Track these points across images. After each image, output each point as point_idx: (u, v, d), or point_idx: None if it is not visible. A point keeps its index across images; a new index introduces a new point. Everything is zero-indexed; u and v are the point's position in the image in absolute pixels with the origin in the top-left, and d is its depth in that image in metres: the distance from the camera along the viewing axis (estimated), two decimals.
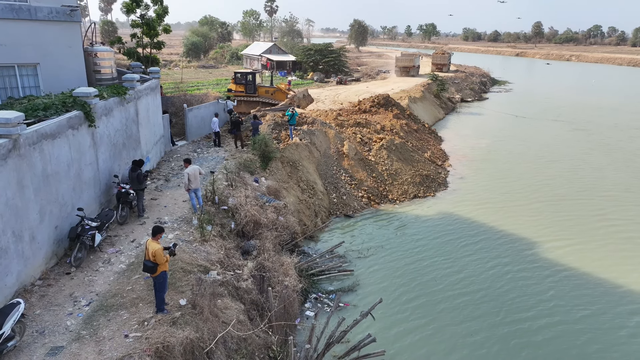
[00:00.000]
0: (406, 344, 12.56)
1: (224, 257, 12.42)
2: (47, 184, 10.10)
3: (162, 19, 26.84)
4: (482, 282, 15.80)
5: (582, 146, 35.11)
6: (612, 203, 23.45)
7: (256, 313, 11.01)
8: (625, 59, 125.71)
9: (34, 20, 14.37)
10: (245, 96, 30.53)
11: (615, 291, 15.53)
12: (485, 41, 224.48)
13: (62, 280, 9.85)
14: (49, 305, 8.94)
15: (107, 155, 13.49)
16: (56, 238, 10.49)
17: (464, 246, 18.38)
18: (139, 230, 12.56)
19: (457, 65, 77.40)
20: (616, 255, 18.03)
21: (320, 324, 10.75)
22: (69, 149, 11.02)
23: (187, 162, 14.11)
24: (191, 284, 9.90)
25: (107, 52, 17.25)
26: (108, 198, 13.57)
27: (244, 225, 14.60)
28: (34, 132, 9.51)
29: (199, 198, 14.11)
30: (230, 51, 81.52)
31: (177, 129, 23.33)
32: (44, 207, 9.95)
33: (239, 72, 31.50)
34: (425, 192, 23.95)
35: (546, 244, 18.73)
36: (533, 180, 26.71)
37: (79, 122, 11.59)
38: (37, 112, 10.67)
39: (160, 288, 8.71)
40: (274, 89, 31.06)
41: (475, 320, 13.68)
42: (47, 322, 8.45)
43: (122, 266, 10.69)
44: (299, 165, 21.50)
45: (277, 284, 12.41)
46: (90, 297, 9.35)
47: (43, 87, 14.93)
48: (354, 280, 15.47)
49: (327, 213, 20.72)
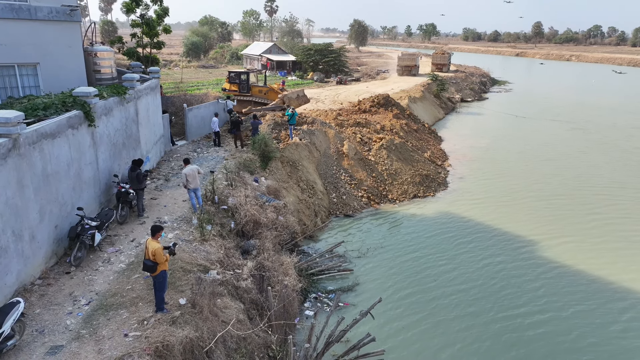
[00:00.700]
0: (405, 342, 12.61)
1: (224, 256, 12.43)
2: (47, 183, 10.11)
3: (162, 19, 26.83)
4: (480, 280, 15.85)
5: (579, 145, 35.16)
6: (608, 201, 23.54)
7: (256, 312, 11.02)
8: (625, 59, 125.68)
9: (34, 20, 14.36)
10: (239, 95, 30.73)
11: (608, 287, 15.65)
12: (485, 41, 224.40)
13: (62, 280, 9.86)
14: (48, 305, 8.95)
15: (107, 155, 13.50)
16: (56, 237, 10.50)
17: (463, 245, 18.41)
18: (139, 230, 12.57)
19: (457, 65, 77.38)
20: (611, 252, 18.13)
21: (319, 323, 10.76)
22: (68, 149, 11.03)
23: (186, 162, 14.16)
24: (191, 284, 9.91)
25: (107, 52, 17.24)
26: (108, 197, 13.58)
27: (244, 224, 14.60)
28: (34, 131, 9.52)
29: (198, 198, 14.13)
30: (230, 51, 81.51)
31: (177, 128, 23.34)
32: (43, 207, 9.96)
33: (233, 72, 31.92)
34: (425, 192, 23.96)
35: (543, 242, 18.82)
36: (532, 180, 26.76)
37: (79, 121, 11.60)
38: (37, 111, 10.68)
39: (159, 287, 8.72)
40: (267, 89, 31.10)
41: (471, 317, 13.75)
42: (46, 321, 8.46)
43: (122, 265, 10.70)
44: (299, 165, 21.51)
45: (277, 283, 12.42)
46: (90, 297, 9.35)
47: (43, 87, 14.93)
48: (353, 279, 15.48)
49: (327, 213, 20.73)
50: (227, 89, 31.35)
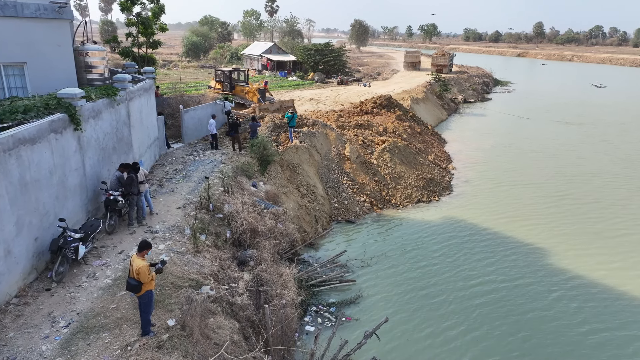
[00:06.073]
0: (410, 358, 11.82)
1: (219, 269, 11.65)
2: (26, 192, 9.33)
3: (158, 17, 26.08)
4: (491, 292, 15.01)
5: (586, 147, 34.27)
6: (626, 210, 22.62)
7: (252, 331, 10.23)
8: (628, 59, 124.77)
9: (20, 17, 13.55)
10: (222, 94, 30.10)
11: (627, 298, 14.82)
12: (487, 41, 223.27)
13: (41, 298, 9.07)
14: (24, 327, 8.16)
15: (95, 160, 12.71)
16: (36, 251, 9.71)
17: (471, 253, 17.60)
18: (128, 241, 11.79)
19: (459, 66, 76.42)
20: (629, 259, 17.28)
21: (320, 347, 9.96)
22: (51, 155, 10.25)
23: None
24: (181, 302, 9.11)
25: (98, 52, 16.44)
26: (96, 206, 12.80)
27: (241, 233, 13.81)
28: (10, 137, 8.73)
29: (148, 201, 13.57)
30: (230, 51, 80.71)
31: (172, 130, 22.56)
32: (21, 218, 9.18)
33: (219, 70, 31.44)
34: (429, 197, 23.16)
35: (555, 250, 17.94)
36: (539, 182, 25.94)
37: (63, 125, 10.82)
38: (16, 114, 9.91)
39: (145, 309, 7.94)
40: (247, 88, 30.08)
41: (483, 332, 12.90)
42: (20, 347, 7.66)
43: (108, 281, 9.92)
44: (299, 168, 20.72)
45: (275, 297, 11.63)
46: (71, 317, 8.56)
47: (30, 88, 14.12)
48: (356, 291, 14.68)
49: (328, 219, 19.94)
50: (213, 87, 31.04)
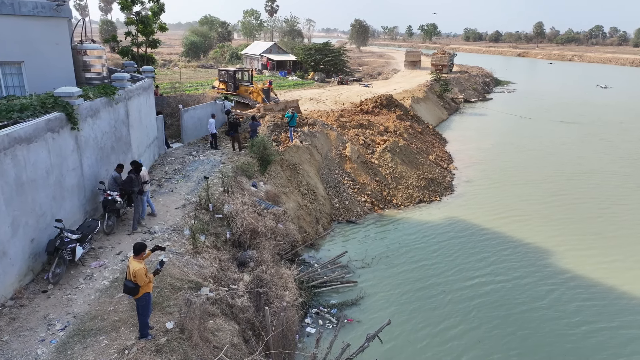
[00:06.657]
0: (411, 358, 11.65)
1: (218, 270, 11.48)
2: (22, 192, 9.16)
3: (157, 16, 25.92)
4: (491, 292, 14.86)
5: (586, 146, 34.10)
6: (626, 209, 22.45)
7: (252, 333, 10.06)
8: (628, 59, 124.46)
9: (17, 15, 13.40)
10: (226, 94, 29.95)
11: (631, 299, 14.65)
12: (487, 41, 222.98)
13: (37, 300, 8.90)
14: (19, 330, 7.99)
15: (93, 160, 12.54)
16: (32, 252, 9.54)
17: (472, 253, 17.43)
18: (126, 242, 11.61)
19: (459, 66, 76.25)
20: (632, 262, 17.10)
21: (322, 350, 9.78)
22: (47, 154, 10.08)
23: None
24: (180, 305, 8.94)
25: (97, 50, 16.26)
26: (94, 206, 12.62)
27: (240, 234, 13.65)
28: (5, 136, 8.56)
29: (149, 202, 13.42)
30: (230, 51, 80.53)
31: (172, 130, 22.39)
32: (17, 219, 9.01)
33: (223, 70, 31.25)
34: (430, 197, 22.98)
35: (556, 250, 17.79)
36: (540, 182, 25.77)
37: (60, 124, 10.65)
38: (11, 113, 9.74)
39: (143, 312, 7.76)
40: (252, 89, 30.06)
41: (485, 332, 12.73)
42: (14, 351, 7.50)
43: (105, 282, 9.75)
44: (300, 168, 20.55)
45: (276, 298, 11.46)
46: (67, 320, 8.39)
47: (28, 86, 13.97)
48: (357, 292, 14.51)
49: (329, 219, 19.77)
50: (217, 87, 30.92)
